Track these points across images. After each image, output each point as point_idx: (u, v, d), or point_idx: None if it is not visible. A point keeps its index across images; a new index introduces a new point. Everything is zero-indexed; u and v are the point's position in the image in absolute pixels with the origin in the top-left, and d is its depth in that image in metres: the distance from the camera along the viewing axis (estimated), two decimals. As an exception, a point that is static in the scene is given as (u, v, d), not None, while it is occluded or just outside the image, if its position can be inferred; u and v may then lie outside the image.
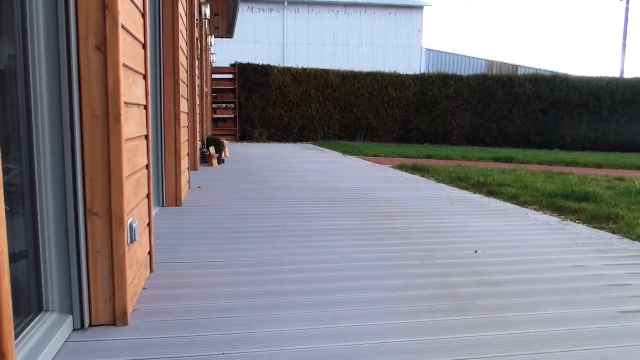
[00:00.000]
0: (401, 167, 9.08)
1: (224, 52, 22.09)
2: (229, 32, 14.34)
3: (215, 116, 16.67)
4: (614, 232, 4.25)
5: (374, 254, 3.33)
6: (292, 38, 26.77)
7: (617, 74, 22.77)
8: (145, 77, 2.59)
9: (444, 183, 7.18)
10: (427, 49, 29.03)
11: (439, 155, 12.55)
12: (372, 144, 16.82)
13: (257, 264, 3.04)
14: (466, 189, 6.68)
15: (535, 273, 2.99)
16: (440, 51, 29.42)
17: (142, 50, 2.52)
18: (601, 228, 4.42)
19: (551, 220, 4.71)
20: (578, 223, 4.65)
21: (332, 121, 17.75)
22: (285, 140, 17.32)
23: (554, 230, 4.22)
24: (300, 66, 18.00)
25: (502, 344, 2.04)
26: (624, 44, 24.27)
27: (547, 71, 24.01)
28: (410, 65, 27.20)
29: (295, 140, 17.40)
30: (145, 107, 2.61)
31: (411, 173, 8.34)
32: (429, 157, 12.20)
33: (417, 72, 21.13)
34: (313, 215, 4.57)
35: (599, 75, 18.20)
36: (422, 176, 7.93)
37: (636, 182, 7.58)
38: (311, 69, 17.67)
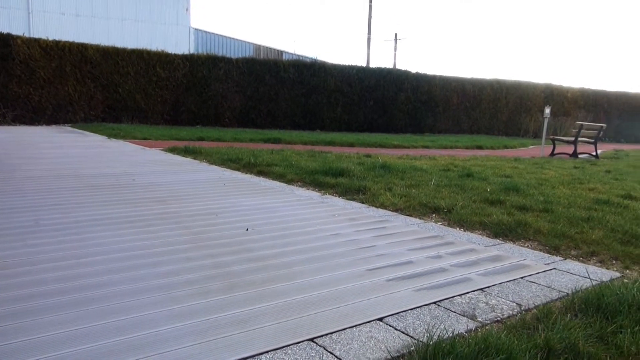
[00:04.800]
0: (173, 150, 8.85)
1: (-54, 15, 18.16)
2: (-49, -9, 11.79)
3: (-62, 93, 13.65)
4: (363, 202, 4.91)
5: (144, 241, 3.21)
6: (39, 5, 23.41)
7: (364, 64, 26.00)
8: None
9: (216, 165, 7.26)
10: (196, 29, 28.61)
11: (212, 137, 12.61)
12: (141, 126, 15.96)
13: (5, 267, 2.64)
14: (238, 169, 6.88)
15: (300, 244, 3.28)
16: (209, 32, 29.31)
17: None
18: (353, 199, 5.06)
19: (313, 195, 5.20)
20: (335, 196, 5.23)
21: (94, 101, 16.24)
22: (36, 123, 15.19)
23: (316, 204, 4.67)
24: (51, 38, 15.88)
25: (271, 314, 2.20)
26: (369, 38, 27.78)
27: (308, 58, 26.06)
28: (179, 45, 26.47)
29: (49, 123, 15.40)
30: None
31: (183, 156, 8.21)
32: (201, 139, 12.15)
33: (187, 52, 20.68)
34: (74, 205, 4.16)
35: (350, 64, 20.52)
36: (195, 159, 7.88)
37: (379, 158, 8.85)
38: (66, 42, 15.77)
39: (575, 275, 2.95)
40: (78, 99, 15.92)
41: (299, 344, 1.95)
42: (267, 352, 1.88)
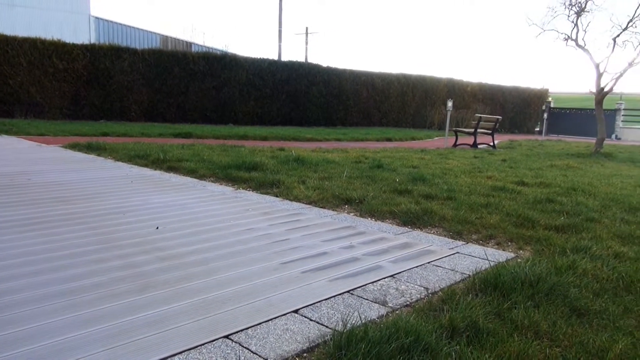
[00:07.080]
0: (74, 147, 8.33)
1: None
2: None
3: None
4: (277, 196, 4.93)
5: (47, 244, 3.01)
6: None
7: (276, 57, 25.95)
8: None
9: (122, 161, 6.94)
10: (97, 18, 27.00)
11: (117, 132, 12.00)
12: (37, 121, 14.82)
13: None
14: (146, 166, 6.62)
15: (214, 241, 3.24)
16: (111, 21, 27.77)
17: None
18: (267, 193, 5.07)
19: (226, 190, 5.14)
20: (249, 191, 5.20)
21: (-19, 94, 14.83)
22: None
23: (229, 199, 4.62)
24: None
25: (186, 313, 2.16)
26: (280, 31, 27.74)
27: (218, 50, 25.53)
28: (78, 34, 24.85)
29: None
30: None
31: (86, 153, 7.76)
32: (105, 134, 11.53)
33: (87, 42, 19.45)
34: (-39, 209, 3.80)
35: (261, 57, 20.38)
36: (99, 155, 7.47)
37: (293, 151, 8.91)
38: (-56, 28, 14.24)
39: (475, 257, 3.18)
40: (-39, 91, 14.46)
41: (214, 342, 1.93)
42: (181, 352, 1.85)
